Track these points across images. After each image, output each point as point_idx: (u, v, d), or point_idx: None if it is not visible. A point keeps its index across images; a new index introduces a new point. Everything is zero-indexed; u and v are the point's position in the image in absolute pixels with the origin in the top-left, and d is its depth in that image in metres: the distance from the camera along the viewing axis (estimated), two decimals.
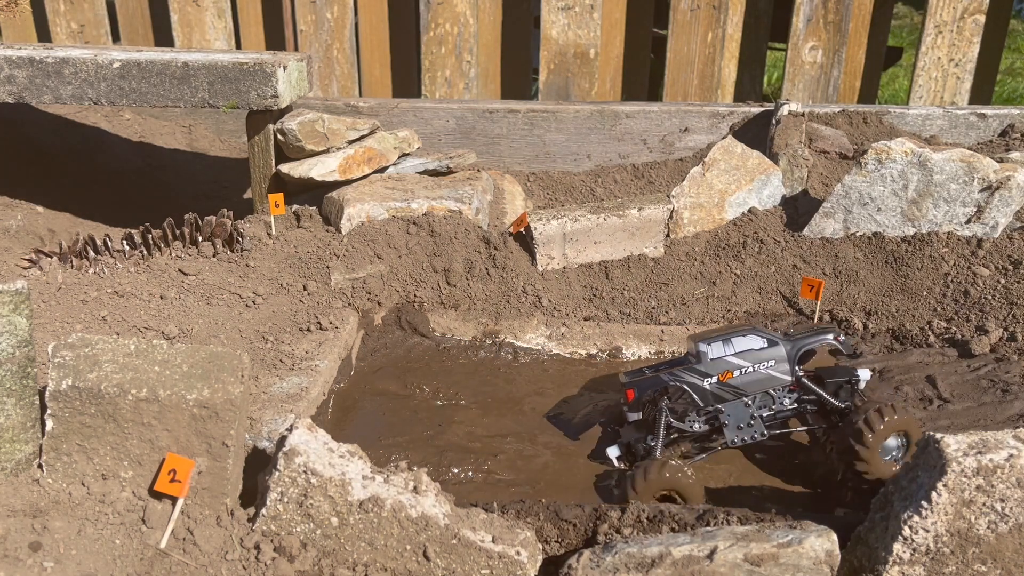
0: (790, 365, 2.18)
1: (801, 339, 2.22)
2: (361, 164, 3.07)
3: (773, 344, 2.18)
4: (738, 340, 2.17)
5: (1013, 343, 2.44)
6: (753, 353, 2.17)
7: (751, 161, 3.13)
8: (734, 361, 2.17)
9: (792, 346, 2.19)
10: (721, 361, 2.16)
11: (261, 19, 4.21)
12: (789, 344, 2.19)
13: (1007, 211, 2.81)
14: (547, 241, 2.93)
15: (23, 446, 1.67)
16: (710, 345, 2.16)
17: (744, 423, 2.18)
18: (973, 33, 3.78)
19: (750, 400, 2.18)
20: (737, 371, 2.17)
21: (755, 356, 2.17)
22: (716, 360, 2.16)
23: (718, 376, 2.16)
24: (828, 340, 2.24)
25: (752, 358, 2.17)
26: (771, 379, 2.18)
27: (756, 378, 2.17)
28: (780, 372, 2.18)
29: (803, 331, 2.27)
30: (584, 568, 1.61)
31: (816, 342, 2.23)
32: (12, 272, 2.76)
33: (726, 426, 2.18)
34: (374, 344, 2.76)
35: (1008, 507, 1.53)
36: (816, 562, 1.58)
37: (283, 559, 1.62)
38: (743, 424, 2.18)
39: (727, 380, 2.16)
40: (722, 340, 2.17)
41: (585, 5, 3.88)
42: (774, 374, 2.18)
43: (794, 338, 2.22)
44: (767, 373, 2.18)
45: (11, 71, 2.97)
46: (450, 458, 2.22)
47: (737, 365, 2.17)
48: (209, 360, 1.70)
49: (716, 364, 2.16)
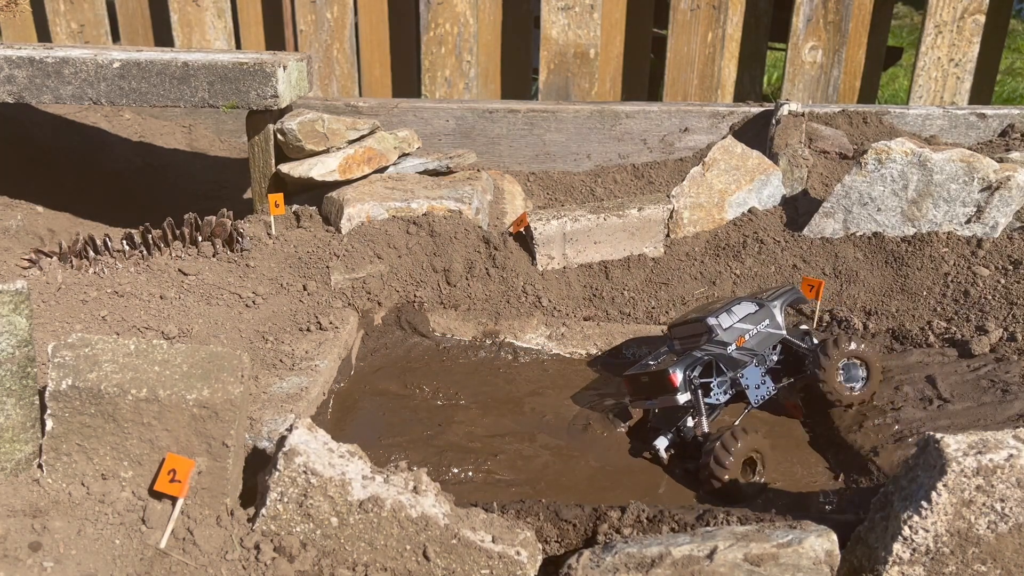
0: (780, 321, 2.37)
1: (778, 298, 2.42)
2: (361, 164, 3.07)
3: (762, 306, 2.36)
4: (736, 308, 2.33)
5: (1013, 343, 2.44)
6: (751, 316, 2.35)
7: (751, 161, 3.13)
8: (742, 327, 2.31)
9: (776, 304, 2.38)
10: (732, 329, 2.29)
11: (261, 19, 4.21)
12: (772, 303, 2.37)
13: (1007, 211, 2.81)
14: (547, 241, 2.93)
15: (23, 446, 1.67)
16: (717, 318, 2.29)
17: (759, 382, 2.33)
18: (973, 33, 3.78)
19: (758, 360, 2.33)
20: (747, 334, 2.31)
21: (754, 319, 2.34)
22: (728, 329, 2.28)
23: (735, 343, 2.28)
24: (795, 295, 2.47)
25: (753, 320, 2.34)
26: (771, 336, 2.36)
27: (761, 337, 2.33)
28: (775, 328, 2.36)
29: (771, 292, 2.46)
30: (584, 568, 1.61)
31: (788, 299, 2.44)
32: (12, 272, 2.76)
33: (747, 388, 2.31)
34: (374, 344, 2.76)
35: (1008, 507, 1.53)
36: (816, 562, 1.58)
37: (283, 559, 1.62)
38: (759, 384, 2.33)
39: (743, 344, 2.29)
40: (725, 312, 2.30)
41: (585, 5, 3.88)
42: (772, 331, 2.35)
43: (772, 299, 2.40)
44: (767, 331, 2.34)
45: (11, 71, 2.97)
46: (450, 458, 2.22)
47: (745, 329, 2.32)
48: (209, 360, 1.70)
49: (730, 332, 2.29)
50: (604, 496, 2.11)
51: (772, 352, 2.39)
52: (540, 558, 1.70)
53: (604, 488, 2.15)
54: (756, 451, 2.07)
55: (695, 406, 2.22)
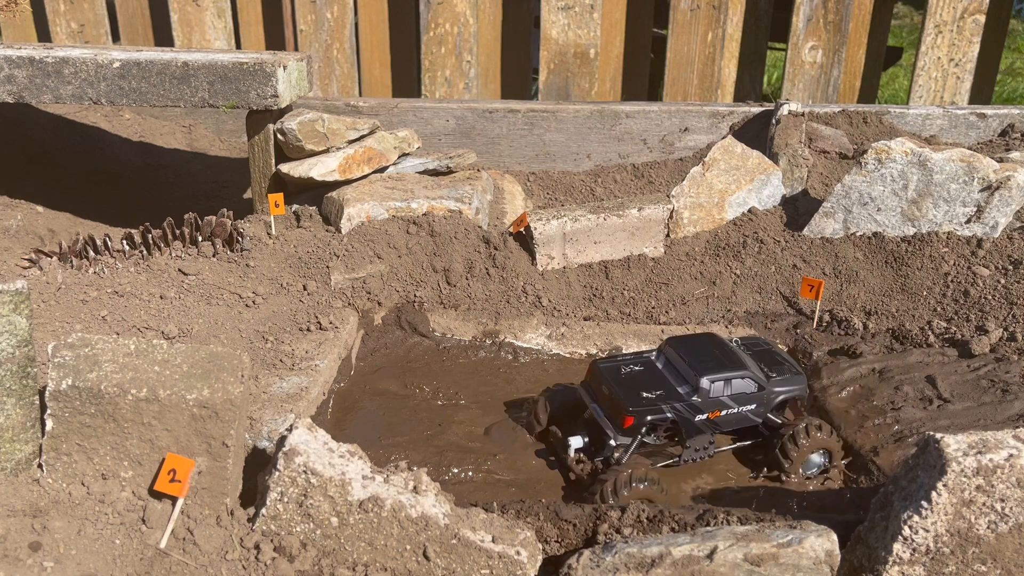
0: (764, 410, 2.20)
1: (779, 386, 2.23)
2: (361, 164, 3.07)
3: (761, 390, 2.19)
4: (736, 383, 2.16)
5: (1013, 343, 2.44)
6: (743, 396, 2.17)
7: (751, 161, 3.13)
8: (726, 402, 2.16)
9: (771, 393, 2.21)
10: (716, 401, 2.15)
11: (261, 19, 4.21)
12: (773, 391, 2.21)
13: (1007, 211, 2.81)
14: (547, 241, 2.93)
15: (23, 446, 1.67)
16: (713, 383, 2.14)
17: (701, 447, 2.20)
18: (973, 33, 3.78)
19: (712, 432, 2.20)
20: (725, 411, 2.17)
21: (743, 399, 2.17)
22: (712, 400, 2.14)
23: (708, 414, 2.15)
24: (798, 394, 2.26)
25: (740, 400, 2.17)
26: (745, 419, 2.20)
27: (736, 417, 2.19)
28: (754, 415, 2.20)
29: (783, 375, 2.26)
30: (584, 568, 1.61)
31: (791, 395, 2.25)
32: (12, 272, 2.76)
33: (687, 448, 2.18)
34: (374, 344, 2.76)
35: (1008, 507, 1.53)
36: (816, 562, 1.58)
37: (283, 559, 1.62)
38: (699, 448, 2.20)
39: (714, 418, 2.16)
40: (723, 381, 2.14)
41: (585, 5, 3.88)
42: (750, 416, 2.20)
43: (774, 383, 2.22)
44: (745, 415, 2.19)
45: (11, 71, 2.97)
46: (450, 458, 2.22)
47: (726, 406, 2.16)
48: (209, 360, 1.70)
49: (711, 403, 2.14)
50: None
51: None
52: (540, 558, 1.70)
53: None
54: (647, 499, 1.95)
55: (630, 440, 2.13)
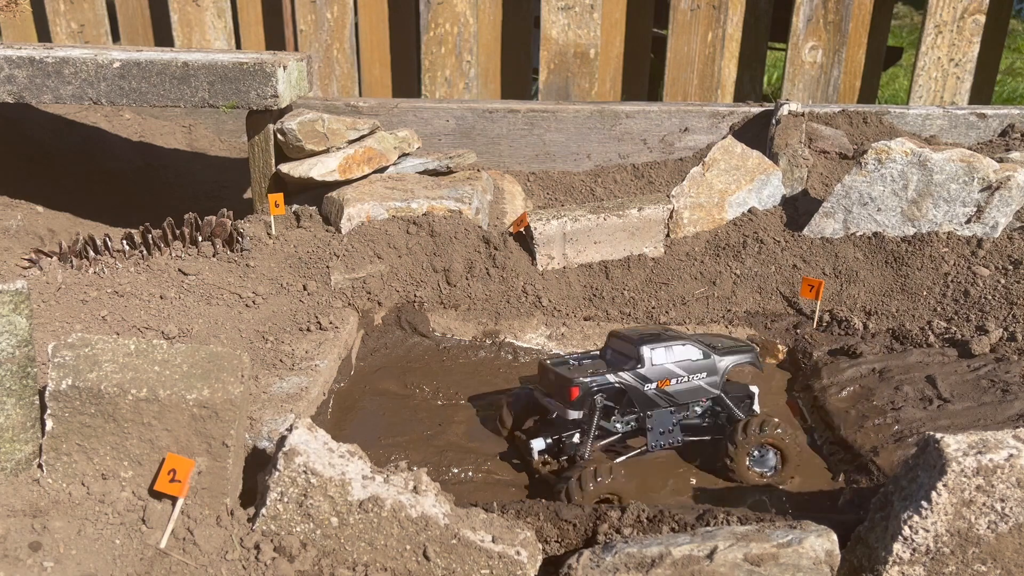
0: (719, 379, 2.20)
1: (730, 354, 2.24)
2: (361, 164, 3.07)
3: (707, 356, 2.18)
4: (678, 348, 2.16)
5: (1013, 343, 2.44)
6: (690, 363, 2.17)
7: (751, 161, 3.13)
8: (673, 369, 2.16)
9: (723, 360, 2.20)
10: (661, 368, 2.15)
11: (261, 19, 4.21)
12: (720, 358, 2.20)
13: (1007, 211, 2.81)
14: (547, 241, 2.93)
15: (23, 446, 1.67)
16: (653, 350, 2.14)
17: (666, 429, 2.19)
18: (973, 33, 3.78)
19: (673, 408, 2.19)
20: (674, 379, 2.16)
21: (691, 366, 2.17)
22: (657, 367, 2.14)
23: (657, 383, 2.15)
24: (750, 360, 2.27)
25: (688, 368, 2.17)
26: (700, 391, 2.19)
27: (689, 388, 2.18)
28: (709, 385, 2.20)
29: (729, 344, 2.27)
30: (584, 568, 1.61)
31: (741, 360, 2.25)
32: (12, 272, 2.76)
33: (650, 430, 2.18)
34: (374, 344, 2.76)
35: (1008, 507, 1.53)
36: (816, 562, 1.58)
37: (283, 559, 1.62)
38: (664, 430, 2.19)
39: (664, 387, 2.15)
40: (664, 347, 2.15)
41: (585, 5, 3.88)
42: (704, 386, 2.19)
43: (723, 352, 2.22)
44: (699, 384, 2.19)
45: (11, 71, 2.97)
46: (450, 458, 2.22)
47: (675, 374, 2.16)
48: (209, 360, 1.70)
49: (656, 370, 2.14)
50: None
51: (697, 404, 2.23)
52: (540, 558, 1.70)
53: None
54: (613, 493, 1.95)
55: (586, 426, 2.12)
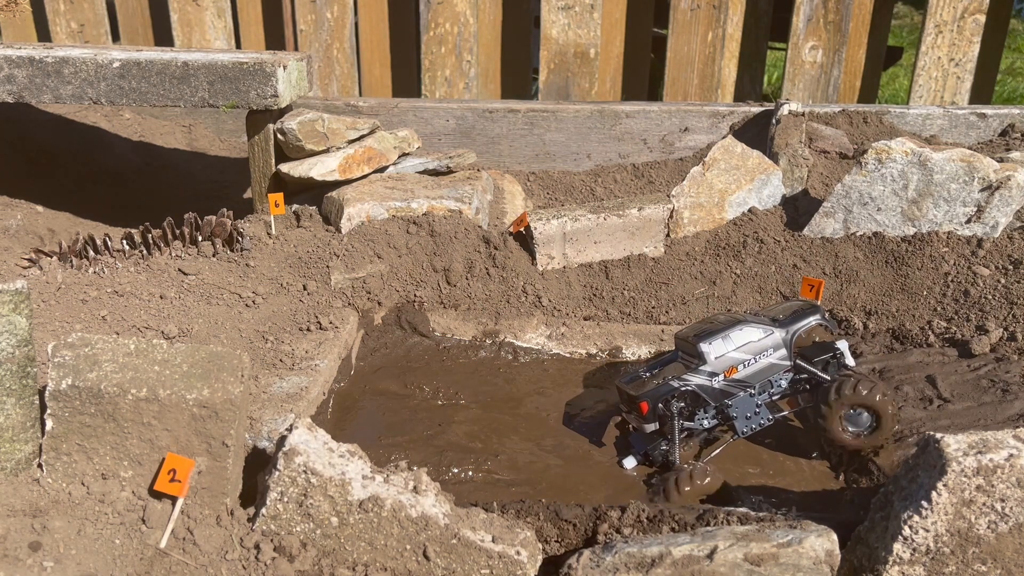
0: (788, 350, 2.19)
1: (792, 322, 2.21)
2: (361, 164, 3.07)
3: (769, 333, 2.18)
4: (736, 334, 2.16)
5: (1013, 343, 2.44)
6: (752, 345, 2.16)
7: (751, 161, 3.13)
8: (737, 356, 2.16)
9: (786, 331, 2.19)
10: (724, 358, 2.15)
11: (261, 19, 4.21)
12: (783, 330, 2.19)
13: (1007, 211, 2.81)
14: (547, 241, 2.93)
15: (23, 446, 1.67)
16: (711, 344, 2.14)
17: (751, 412, 2.20)
18: (973, 33, 3.77)
19: (754, 390, 2.19)
20: (741, 365, 2.16)
21: (755, 347, 2.16)
22: (720, 358, 2.15)
23: (724, 373, 2.15)
24: (817, 321, 2.25)
25: (752, 350, 2.16)
26: (773, 367, 2.19)
27: (759, 368, 2.17)
28: (780, 359, 2.18)
29: (789, 311, 2.26)
30: (584, 568, 1.61)
31: (806, 325, 2.23)
32: (12, 272, 2.76)
33: (735, 419, 2.19)
34: (374, 344, 2.76)
35: (1008, 507, 1.53)
36: (816, 562, 1.58)
37: (283, 559, 1.62)
38: (750, 414, 2.20)
39: (732, 376, 2.15)
40: (721, 337, 2.15)
41: (585, 5, 3.88)
42: (775, 362, 2.18)
43: (785, 322, 2.21)
44: (769, 362, 2.18)
45: (11, 71, 2.97)
46: (450, 458, 2.22)
47: (740, 359, 2.16)
48: (209, 360, 1.70)
49: (720, 362, 2.15)
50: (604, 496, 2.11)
51: (780, 379, 2.21)
52: (540, 558, 1.70)
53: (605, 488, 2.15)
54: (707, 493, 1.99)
55: (669, 434, 2.15)
